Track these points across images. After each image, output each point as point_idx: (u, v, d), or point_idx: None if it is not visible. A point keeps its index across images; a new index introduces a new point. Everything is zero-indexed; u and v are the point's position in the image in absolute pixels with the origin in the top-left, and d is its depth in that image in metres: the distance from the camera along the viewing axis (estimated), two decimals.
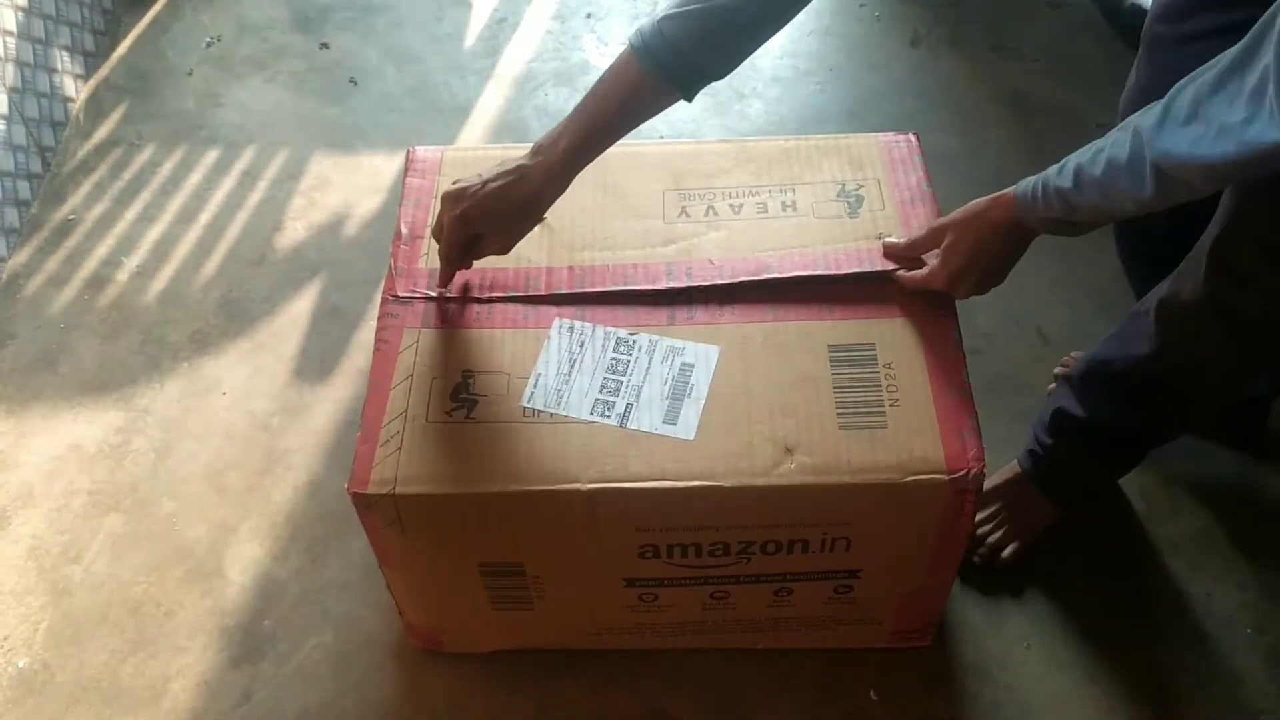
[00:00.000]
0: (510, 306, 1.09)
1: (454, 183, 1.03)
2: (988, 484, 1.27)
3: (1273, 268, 0.94)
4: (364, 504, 0.99)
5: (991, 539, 1.27)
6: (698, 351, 1.05)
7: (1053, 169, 0.94)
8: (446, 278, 1.08)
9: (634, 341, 1.06)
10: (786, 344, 1.05)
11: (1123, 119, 0.90)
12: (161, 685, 1.22)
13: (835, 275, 1.09)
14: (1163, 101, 0.82)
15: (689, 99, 1.00)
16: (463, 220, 1.02)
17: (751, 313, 1.07)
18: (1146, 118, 0.83)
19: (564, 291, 1.09)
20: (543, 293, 1.09)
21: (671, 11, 0.95)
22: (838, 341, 1.05)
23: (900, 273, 1.08)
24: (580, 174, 1.18)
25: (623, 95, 0.99)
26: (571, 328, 1.07)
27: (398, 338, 1.07)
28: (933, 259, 1.06)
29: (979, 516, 1.26)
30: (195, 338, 1.52)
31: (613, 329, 1.07)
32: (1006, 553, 1.26)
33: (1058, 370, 1.42)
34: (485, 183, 1.01)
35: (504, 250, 1.06)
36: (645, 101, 1.00)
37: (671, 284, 1.09)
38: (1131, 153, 0.84)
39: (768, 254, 1.11)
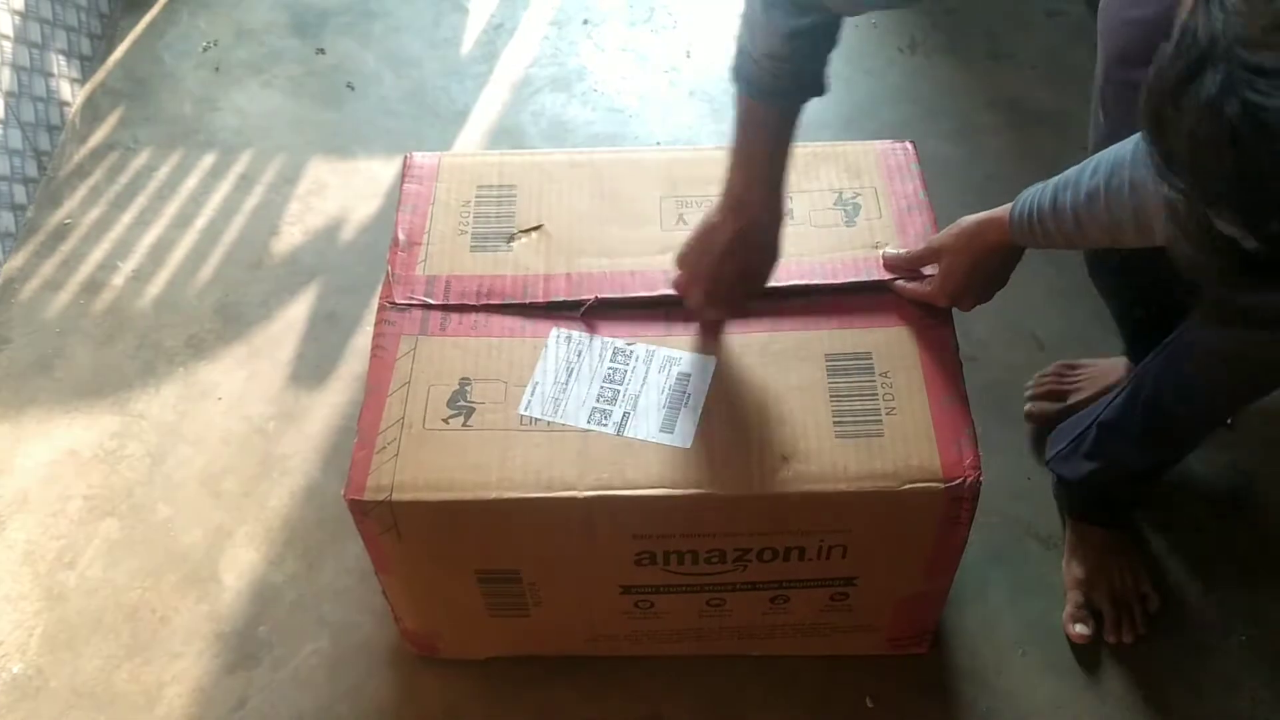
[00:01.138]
0: (508, 316, 1.09)
1: (692, 285, 1.04)
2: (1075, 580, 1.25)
3: None
4: (360, 511, 0.99)
5: (1124, 612, 1.23)
6: (694, 361, 1.05)
7: (1045, 202, 0.93)
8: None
9: (631, 351, 1.06)
10: (783, 353, 1.05)
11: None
12: (156, 691, 1.21)
13: (832, 285, 1.09)
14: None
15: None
16: (732, 309, 1.05)
17: (748, 322, 1.08)
18: (1143, 171, 0.82)
19: (561, 299, 1.09)
20: (540, 300, 1.09)
21: (778, 70, 0.92)
22: (834, 350, 1.05)
23: (900, 283, 1.09)
24: (577, 180, 1.19)
25: (777, 127, 0.98)
26: (569, 337, 1.07)
27: (395, 344, 1.07)
28: (932, 271, 1.07)
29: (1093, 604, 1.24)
30: (191, 343, 1.52)
31: (610, 339, 1.07)
32: (1153, 605, 1.24)
33: (1033, 391, 1.40)
34: (720, 275, 1.02)
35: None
36: (795, 123, 0.98)
37: (668, 292, 1.09)
38: (1136, 209, 0.84)
39: None
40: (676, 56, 1.90)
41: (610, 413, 1.02)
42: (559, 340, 1.07)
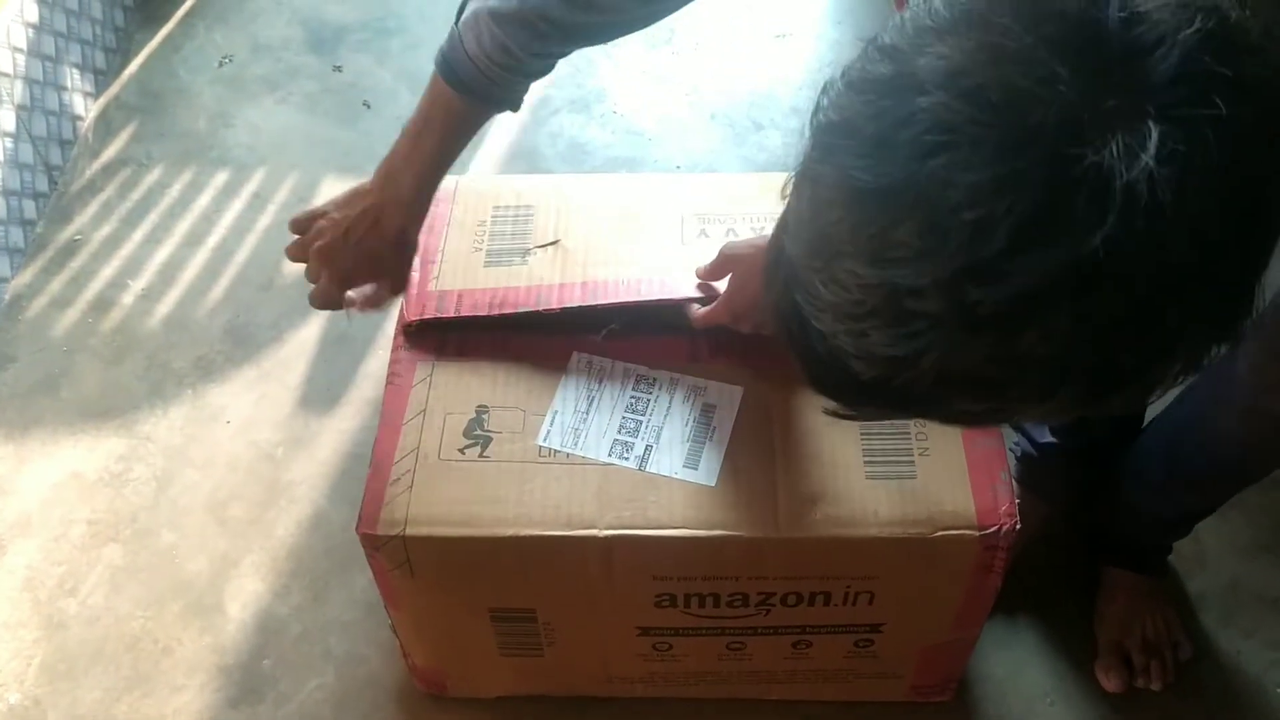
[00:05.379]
0: (527, 338, 1.06)
1: (316, 241, 0.98)
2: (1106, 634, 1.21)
3: None
4: (372, 545, 0.96)
5: (1156, 659, 1.20)
6: (721, 391, 1.02)
7: None
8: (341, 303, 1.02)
9: (654, 379, 1.03)
10: None
11: None
12: None
13: None
14: None
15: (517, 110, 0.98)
16: (345, 279, 0.98)
17: (776, 350, 1.03)
18: None
19: (577, 304, 1.05)
20: (554, 307, 1.05)
21: (494, 74, 0.93)
22: None
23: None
24: (596, 201, 1.16)
25: (455, 125, 0.97)
26: (590, 362, 1.04)
27: (410, 371, 1.04)
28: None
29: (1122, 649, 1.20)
30: (200, 364, 1.49)
31: (633, 365, 1.04)
32: (1185, 653, 1.21)
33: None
34: (346, 234, 0.97)
35: (400, 290, 1.04)
36: (479, 122, 0.98)
37: (690, 294, 1.04)
38: None
39: None
40: (697, 79, 1.87)
41: (632, 445, 0.98)
42: (579, 365, 1.04)
